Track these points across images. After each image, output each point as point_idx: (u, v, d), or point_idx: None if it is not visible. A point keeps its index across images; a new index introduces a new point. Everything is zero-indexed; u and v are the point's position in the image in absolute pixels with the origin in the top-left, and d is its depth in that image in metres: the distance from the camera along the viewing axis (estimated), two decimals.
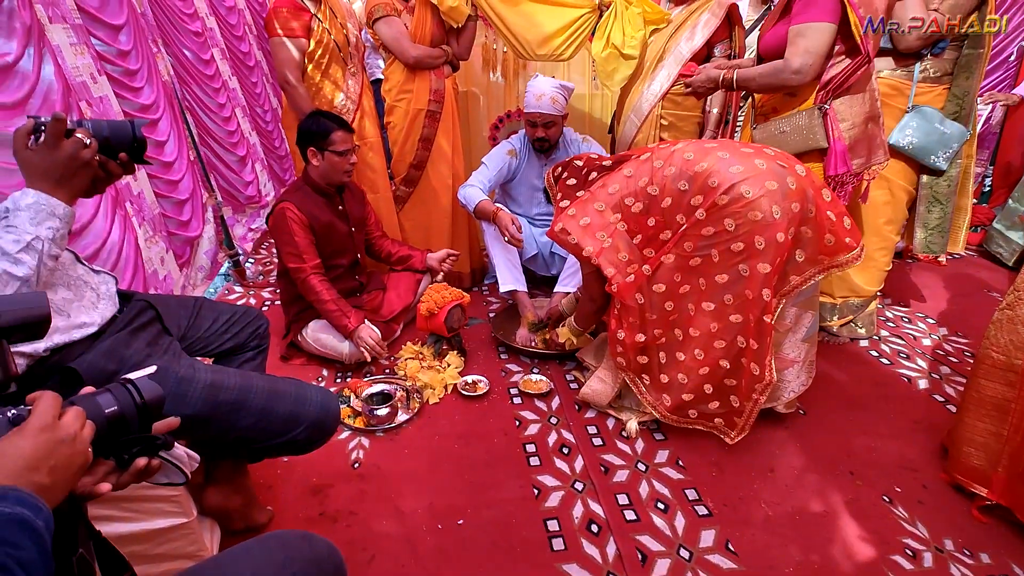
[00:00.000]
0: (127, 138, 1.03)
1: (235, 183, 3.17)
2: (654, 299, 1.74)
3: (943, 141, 2.05)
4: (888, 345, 2.36)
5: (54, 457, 0.58)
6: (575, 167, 1.90)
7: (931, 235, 2.26)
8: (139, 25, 2.36)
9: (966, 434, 1.55)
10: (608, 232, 1.77)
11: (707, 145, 1.69)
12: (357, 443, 1.83)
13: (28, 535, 0.52)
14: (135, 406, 0.71)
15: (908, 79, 2.08)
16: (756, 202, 1.53)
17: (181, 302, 1.43)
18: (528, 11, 2.60)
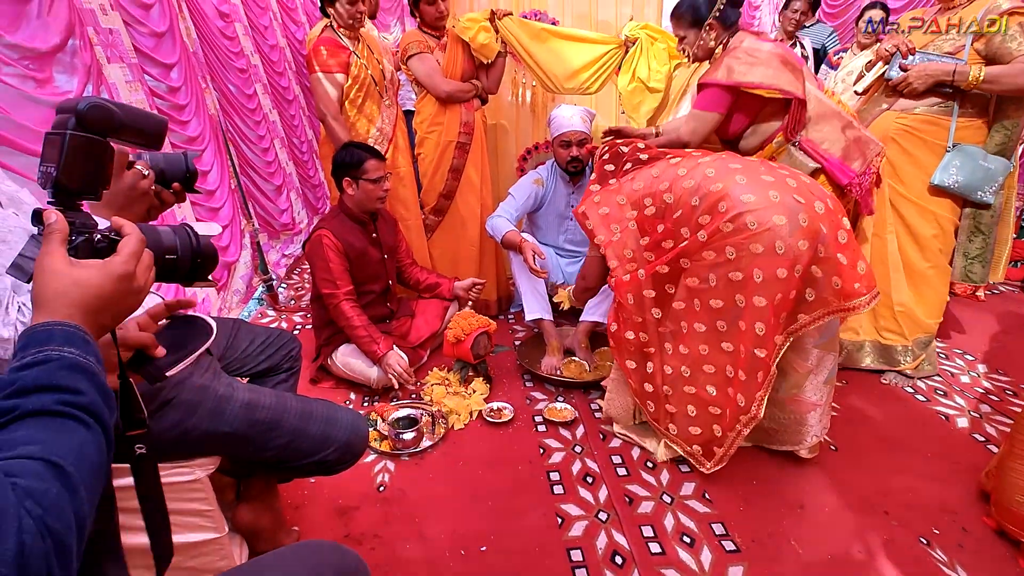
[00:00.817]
0: (180, 169, 1.10)
1: (271, 211, 3.29)
2: (644, 303, 1.76)
3: (988, 177, 2.03)
4: (924, 382, 2.30)
5: (123, 304, 0.61)
6: (617, 153, 1.90)
7: (971, 264, 2.21)
8: (190, 63, 2.51)
9: (1013, 479, 1.48)
10: (621, 227, 1.80)
11: (731, 165, 1.66)
12: (383, 467, 1.85)
13: (84, 377, 0.52)
14: (190, 251, 0.76)
15: (946, 114, 2.05)
16: (759, 235, 1.52)
17: (222, 323, 1.49)
18: (556, 47, 2.69)
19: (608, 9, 3.19)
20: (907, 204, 2.16)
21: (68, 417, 0.50)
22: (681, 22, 2.01)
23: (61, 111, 0.69)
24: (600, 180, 1.91)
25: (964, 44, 1.96)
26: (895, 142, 2.13)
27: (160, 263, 0.72)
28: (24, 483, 0.44)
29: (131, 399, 0.70)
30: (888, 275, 2.22)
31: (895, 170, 2.16)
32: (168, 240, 0.75)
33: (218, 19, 2.83)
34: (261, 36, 3.32)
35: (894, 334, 2.27)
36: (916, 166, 2.12)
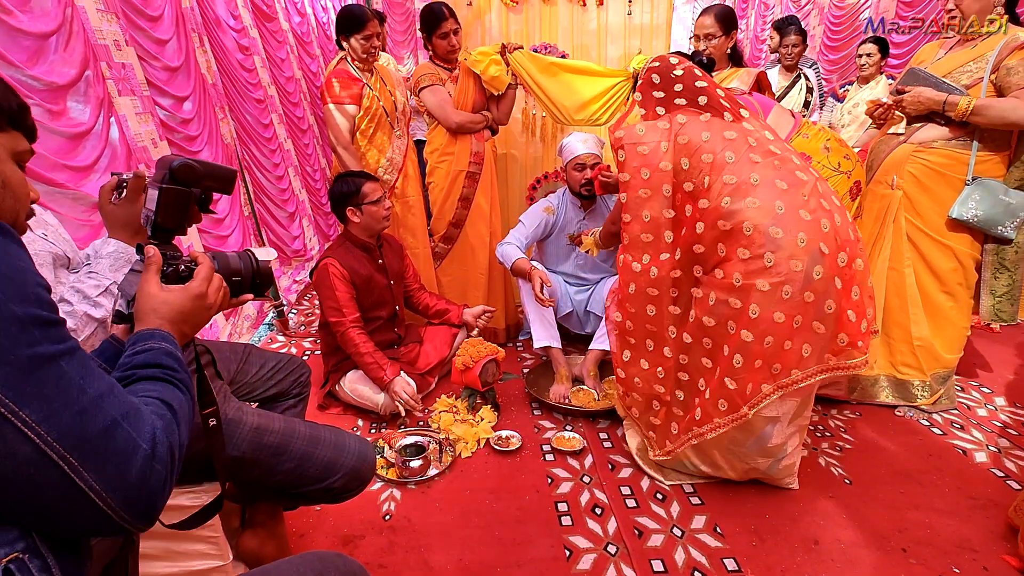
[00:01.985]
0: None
1: (284, 237, 3.34)
2: (644, 298, 1.76)
3: (1010, 211, 1.99)
4: (940, 415, 2.25)
5: (198, 317, 0.82)
6: (670, 77, 1.74)
7: (1000, 302, 2.16)
8: (205, 94, 2.58)
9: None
10: (652, 185, 1.68)
11: (778, 182, 1.57)
12: (389, 495, 1.83)
13: (176, 361, 0.72)
14: (252, 273, 0.95)
15: (965, 148, 2.03)
16: (770, 272, 1.51)
17: (232, 348, 1.51)
18: (566, 80, 2.74)
19: (617, 43, 3.26)
20: (924, 238, 2.14)
21: (170, 383, 0.69)
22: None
23: (159, 167, 0.89)
24: (646, 104, 1.76)
25: (982, 77, 1.95)
26: (912, 175, 2.12)
27: (228, 283, 0.90)
28: (152, 407, 0.64)
29: (204, 386, 0.90)
30: (906, 309, 2.19)
31: (912, 203, 2.14)
32: (235, 264, 0.93)
33: (238, 52, 2.93)
34: (278, 68, 3.42)
35: (912, 369, 2.23)
36: (934, 200, 2.10)
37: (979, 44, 2.00)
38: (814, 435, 2.12)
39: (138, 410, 0.60)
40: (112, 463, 0.56)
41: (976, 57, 1.98)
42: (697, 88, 1.72)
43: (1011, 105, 1.89)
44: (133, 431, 0.58)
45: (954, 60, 2.04)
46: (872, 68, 3.75)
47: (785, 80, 3.66)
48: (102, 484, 0.55)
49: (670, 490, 1.83)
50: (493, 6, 3.12)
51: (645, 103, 1.77)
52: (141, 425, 0.59)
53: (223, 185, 0.95)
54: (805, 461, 1.96)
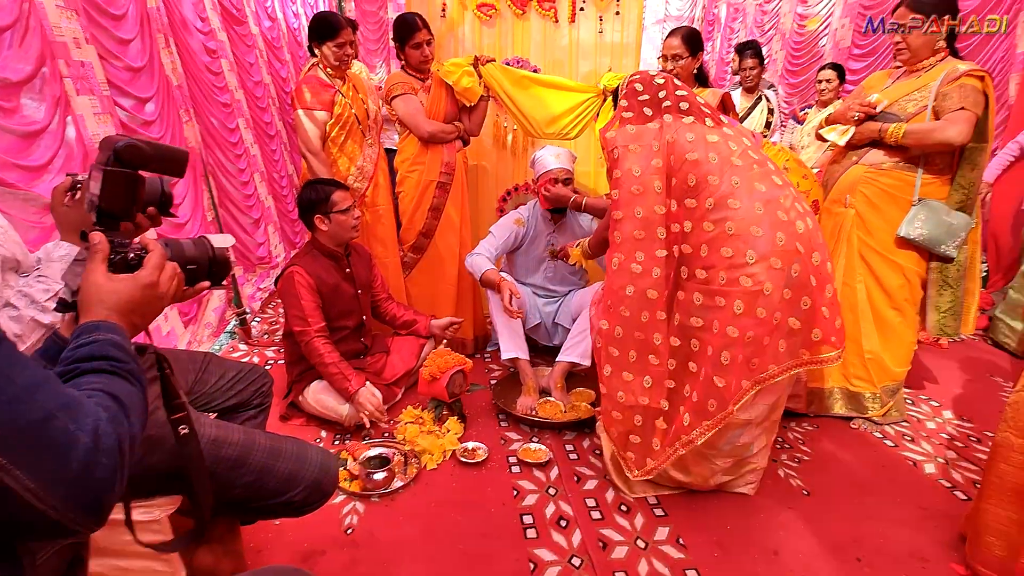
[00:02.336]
0: (156, 193, 1.09)
1: (248, 244, 3.27)
2: (641, 302, 1.74)
3: (951, 231, 2.10)
4: (893, 427, 2.33)
5: (150, 306, 0.78)
6: (654, 85, 1.81)
7: (944, 317, 2.27)
8: (169, 96, 2.52)
9: (986, 522, 1.49)
10: (644, 183, 1.70)
11: (757, 185, 1.63)
12: (352, 508, 1.79)
13: (124, 352, 0.68)
14: (208, 260, 0.91)
15: (912, 170, 2.13)
16: (752, 268, 1.57)
17: (191, 357, 1.46)
18: (537, 94, 2.77)
19: (588, 60, 3.31)
20: (874, 255, 2.23)
21: (118, 375, 0.66)
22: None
23: (102, 148, 0.82)
24: (633, 110, 1.79)
25: (927, 105, 2.06)
26: (864, 195, 2.21)
27: (183, 271, 0.86)
28: (96, 399, 0.61)
29: (169, 388, 0.87)
30: (857, 323, 2.27)
31: (864, 222, 2.23)
32: (190, 251, 0.90)
33: (204, 55, 2.87)
34: (246, 72, 3.37)
35: (863, 381, 2.31)
36: (883, 219, 2.19)
37: (923, 75, 2.11)
38: (774, 447, 2.16)
39: (78, 402, 0.58)
40: (48, 458, 0.53)
41: (920, 87, 2.10)
42: (679, 96, 1.78)
43: (935, 126, 2.02)
44: (72, 423, 0.55)
45: (902, 88, 2.15)
46: (831, 93, 3.90)
47: (747, 101, 3.78)
48: (38, 482, 0.52)
49: (634, 502, 1.84)
50: (467, 19, 3.14)
51: (632, 108, 1.81)
52: (82, 417, 0.56)
53: (173, 167, 0.90)
54: (765, 472, 2.00)
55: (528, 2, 3.13)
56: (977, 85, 1.99)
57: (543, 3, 3.14)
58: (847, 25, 4.77)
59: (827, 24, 5.18)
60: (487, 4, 3.10)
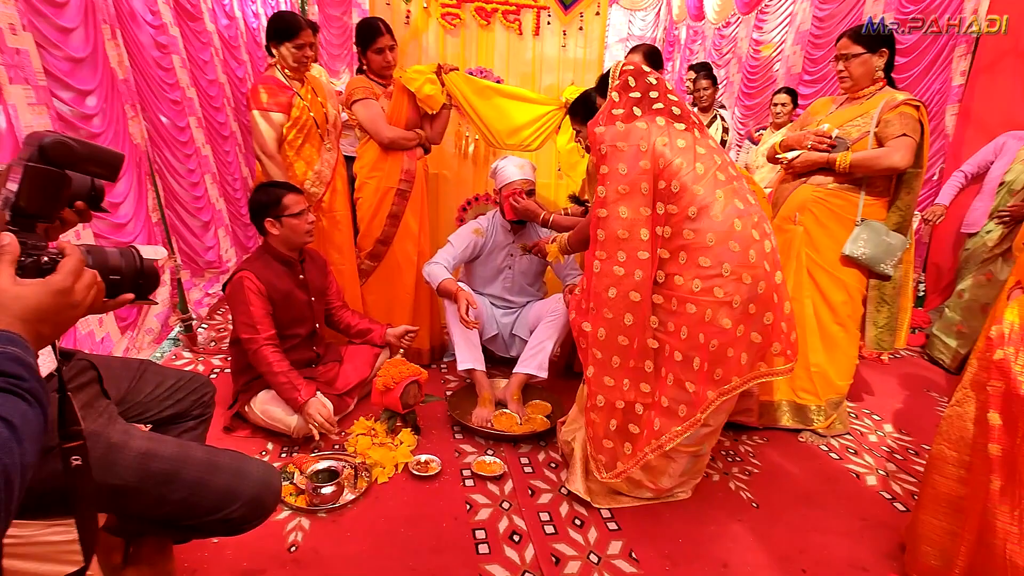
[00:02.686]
0: (85, 186, 1.02)
1: (196, 247, 3.14)
2: (625, 304, 1.71)
3: (889, 251, 2.21)
4: (838, 440, 2.41)
5: (61, 315, 0.70)
6: (646, 82, 1.75)
7: (881, 332, 2.38)
8: (114, 90, 2.41)
9: (922, 532, 1.55)
10: (631, 180, 1.66)
11: (737, 203, 1.67)
12: (296, 524, 1.72)
13: (24, 367, 0.62)
14: (134, 272, 0.85)
15: (855, 192, 2.23)
16: (726, 280, 1.62)
17: (125, 364, 1.38)
18: (500, 104, 2.78)
19: (551, 73, 3.34)
20: (821, 272, 2.31)
21: (13, 394, 0.60)
22: (575, 118, 2.18)
23: (27, 143, 0.77)
24: (623, 105, 1.73)
25: (869, 130, 2.18)
26: (811, 213, 2.29)
27: (107, 282, 0.81)
28: None
29: (68, 412, 0.80)
30: (804, 337, 2.34)
31: (811, 239, 2.31)
32: (114, 261, 0.84)
33: (154, 49, 2.76)
34: (200, 70, 3.25)
35: (809, 394, 2.39)
36: (829, 237, 2.28)
37: (864, 102, 2.23)
38: (726, 460, 2.20)
39: None
40: None
41: (862, 113, 2.21)
42: (671, 100, 1.76)
43: (881, 153, 2.13)
44: None
45: (845, 115, 2.26)
46: (784, 116, 4.05)
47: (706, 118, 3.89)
48: None
49: (588, 516, 1.84)
50: (431, 26, 3.12)
51: (622, 105, 1.75)
52: None
53: (105, 171, 0.85)
54: (716, 485, 2.03)
55: (493, 13, 3.15)
56: (913, 114, 2.11)
57: (508, 15, 3.15)
58: (798, 52, 4.98)
59: (780, 50, 5.40)
60: (452, 13, 3.09)
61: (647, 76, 1.78)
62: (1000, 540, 1.30)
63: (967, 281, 3.27)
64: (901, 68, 3.78)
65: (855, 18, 4.24)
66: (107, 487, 1.02)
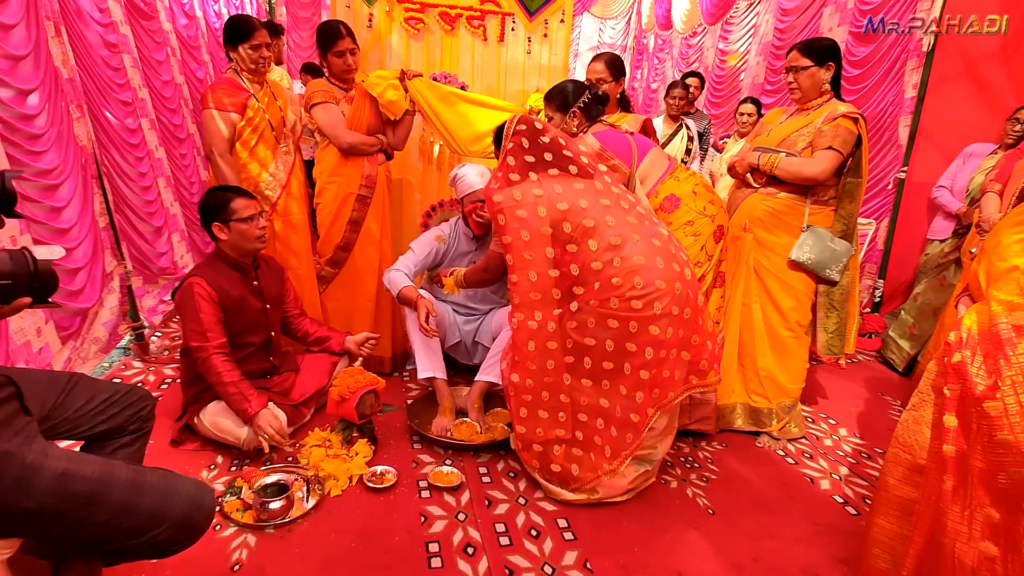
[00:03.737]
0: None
1: (148, 253, 3.04)
2: (545, 353, 1.80)
3: (834, 257, 2.29)
4: (794, 444, 2.44)
5: None
6: (539, 143, 1.80)
7: (831, 338, 2.44)
8: (57, 89, 2.32)
9: (874, 535, 1.55)
10: (535, 249, 1.73)
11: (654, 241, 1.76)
12: (242, 541, 1.66)
13: None
14: (27, 275, 0.82)
15: (802, 200, 2.30)
16: (660, 318, 1.70)
17: (52, 378, 1.31)
18: (463, 111, 2.76)
19: (516, 80, 3.34)
20: (770, 277, 2.36)
21: None
22: (551, 104, 2.28)
23: None
24: (518, 170, 1.78)
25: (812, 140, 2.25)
26: (760, 221, 2.35)
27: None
28: None
29: None
30: (754, 341, 2.40)
31: (761, 246, 2.37)
32: (2, 265, 0.80)
33: (103, 48, 2.67)
34: (153, 71, 3.16)
35: (761, 397, 2.44)
36: (777, 243, 2.34)
37: (811, 113, 2.30)
38: (684, 466, 2.21)
39: None
40: None
41: (807, 124, 2.27)
42: (566, 156, 1.81)
43: (802, 162, 2.23)
44: None
45: (793, 124, 2.33)
46: (749, 125, 4.12)
47: (669, 128, 3.93)
48: None
49: (544, 526, 1.82)
50: (394, 31, 3.10)
51: (518, 168, 1.80)
52: None
53: None
54: (673, 492, 2.04)
55: (457, 19, 3.13)
56: (851, 127, 2.18)
57: (472, 20, 3.15)
58: (761, 62, 5.08)
59: (745, 60, 5.50)
60: (415, 18, 3.07)
61: (540, 136, 1.81)
62: (950, 539, 1.31)
63: (922, 285, 3.37)
64: (854, 80, 3.89)
65: (812, 29, 4.35)
66: (22, 511, 0.96)
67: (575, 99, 2.24)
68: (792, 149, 2.27)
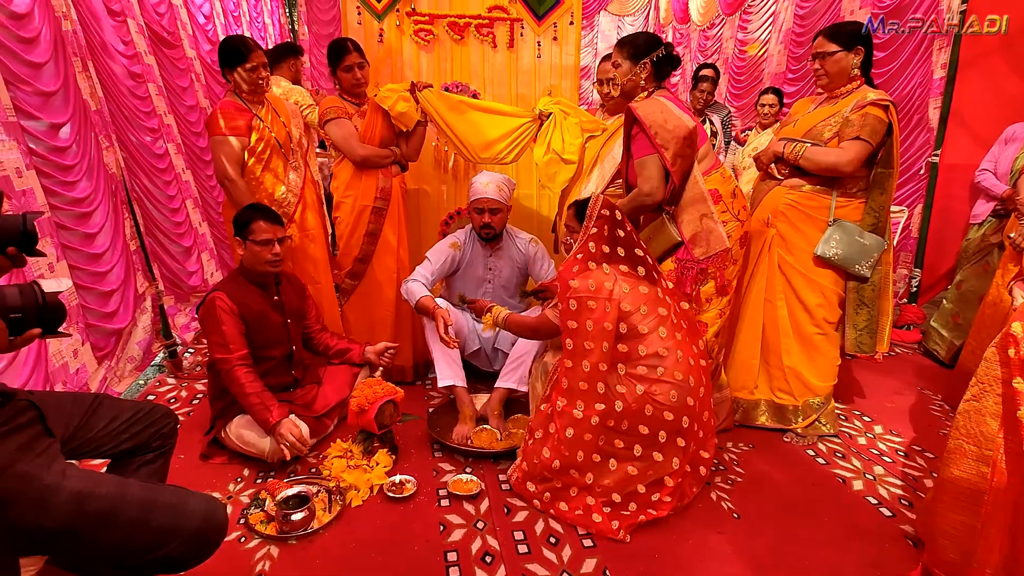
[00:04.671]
0: (15, 231, 1.02)
1: (179, 272, 3.15)
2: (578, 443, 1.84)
3: (864, 252, 2.18)
4: (824, 444, 2.36)
5: None
6: (616, 235, 1.89)
7: (860, 335, 2.34)
8: (86, 121, 2.43)
9: (940, 526, 1.52)
10: (596, 339, 1.80)
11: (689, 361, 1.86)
12: (265, 553, 1.70)
13: None
14: (35, 308, 0.87)
15: (827, 193, 2.21)
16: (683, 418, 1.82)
17: (77, 399, 1.36)
18: (473, 119, 2.77)
19: (527, 84, 3.34)
20: (795, 273, 2.29)
21: None
22: (622, 51, 2.15)
23: None
24: (595, 256, 1.88)
25: None
26: (784, 216, 2.28)
27: (8, 321, 0.83)
28: None
29: None
30: (779, 338, 2.33)
31: (785, 241, 2.29)
32: (12, 299, 0.86)
33: (128, 79, 2.78)
34: (178, 97, 3.28)
35: (786, 394, 2.37)
36: (802, 238, 2.26)
37: (839, 101, 2.20)
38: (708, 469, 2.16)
39: None
40: None
41: (835, 112, 2.18)
42: (636, 256, 1.90)
43: (828, 152, 2.14)
44: None
45: (820, 114, 2.23)
46: (771, 117, 4.02)
47: None
48: None
49: (563, 532, 1.80)
50: (405, 44, 3.14)
51: (596, 256, 1.88)
52: None
53: (10, 236, 0.90)
54: (698, 496, 1.99)
55: (466, 28, 3.15)
56: (881, 115, 2.08)
57: (481, 29, 3.16)
58: (782, 51, 4.96)
59: (765, 49, 5.37)
60: (425, 29, 3.10)
61: (619, 228, 1.89)
62: None
63: (964, 271, 3.22)
64: (880, 63, 3.75)
65: (834, 14, 4.22)
66: (41, 531, 1.01)
67: (647, 51, 2.11)
68: (818, 139, 2.18)
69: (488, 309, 2.28)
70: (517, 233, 2.79)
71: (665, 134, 2.00)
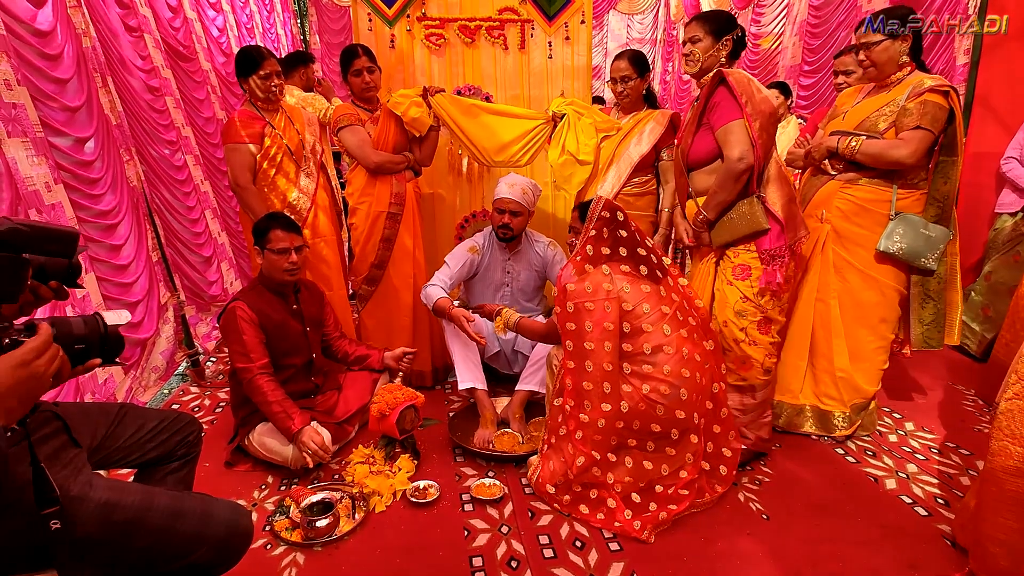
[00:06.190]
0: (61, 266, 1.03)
1: (199, 282, 3.18)
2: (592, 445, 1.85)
3: (930, 244, 2.09)
4: (855, 442, 2.30)
5: (24, 388, 0.76)
6: (617, 235, 1.87)
7: (927, 330, 2.25)
8: (109, 135, 2.47)
9: (988, 532, 1.46)
10: (596, 339, 1.79)
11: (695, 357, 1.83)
12: (292, 560, 1.70)
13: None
14: (98, 339, 0.91)
15: (887, 186, 2.11)
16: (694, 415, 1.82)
17: (103, 410, 1.38)
18: (486, 122, 2.76)
19: (539, 85, 3.32)
20: (851, 271, 2.19)
21: None
22: (703, 25, 2.03)
23: None
24: (595, 259, 1.87)
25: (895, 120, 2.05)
26: (839, 211, 2.18)
27: (72, 351, 0.87)
28: None
29: (43, 481, 0.87)
30: (830, 340, 2.24)
31: (840, 238, 2.20)
32: (79, 330, 0.89)
33: (146, 93, 2.82)
34: (195, 109, 3.32)
35: (833, 400, 2.28)
36: (861, 234, 2.16)
37: (892, 89, 2.09)
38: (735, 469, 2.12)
39: None
40: None
41: (889, 101, 2.07)
42: (639, 255, 1.88)
43: (888, 144, 2.03)
44: None
45: (871, 104, 2.13)
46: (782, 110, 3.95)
47: None
48: None
49: (589, 537, 1.78)
50: (416, 49, 3.14)
51: (594, 258, 1.87)
52: None
53: (59, 248, 0.91)
54: (725, 497, 1.96)
55: (477, 31, 3.15)
56: (941, 101, 1.97)
57: (492, 31, 3.15)
58: (797, 43, 4.89)
59: (780, 42, 5.30)
60: (436, 34, 3.10)
61: (620, 228, 1.86)
62: None
63: (993, 262, 3.13)
64: None
65: (849, 4, 4.15)
66: (70, 539, 1.01)
67: (729, 28, 2.01)
68: (873, 131, 2.07)
69: (498, 312, 2.28)
70: (536, 237, 2.78)
71: (755, 104, 1.90)
